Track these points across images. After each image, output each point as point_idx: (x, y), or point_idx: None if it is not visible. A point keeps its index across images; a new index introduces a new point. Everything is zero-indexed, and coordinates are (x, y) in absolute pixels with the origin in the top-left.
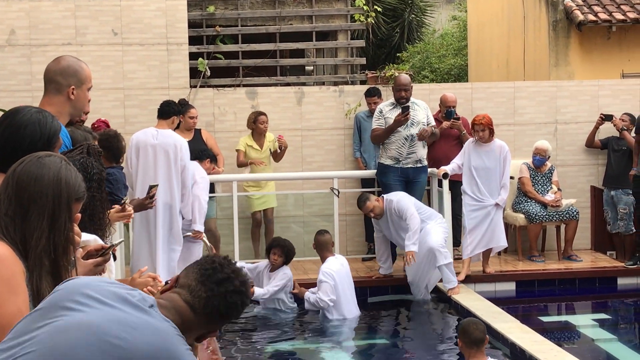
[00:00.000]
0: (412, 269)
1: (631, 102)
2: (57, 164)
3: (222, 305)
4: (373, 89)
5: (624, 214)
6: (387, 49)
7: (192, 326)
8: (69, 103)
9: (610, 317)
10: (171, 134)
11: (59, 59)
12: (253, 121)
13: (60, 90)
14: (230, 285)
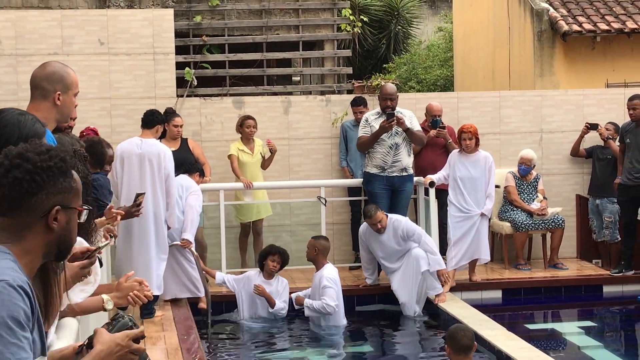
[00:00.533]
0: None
1: (616, 111)
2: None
3: (7, 189)
4: (359, 98)
5: (609, 223)
6: (373, 60)
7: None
8: (55, 109)
9: (596, 324)
10: (155, 143)
11: (45, 64)
12: (240, 125)
13: (46, 96)
14: (1, 169)
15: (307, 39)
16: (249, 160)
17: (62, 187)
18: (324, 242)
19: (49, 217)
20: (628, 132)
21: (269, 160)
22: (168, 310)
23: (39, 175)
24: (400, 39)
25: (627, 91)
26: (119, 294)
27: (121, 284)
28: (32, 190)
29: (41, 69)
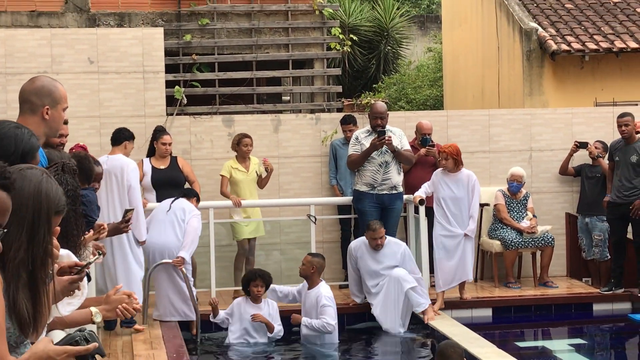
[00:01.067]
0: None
1: (604, 129)
2: (38, 176)
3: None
4: (348, 116)
5: (599, 241)
6: (363, 80)
7: None
8: (44, 123)
9: (586, 342)
10: (119, 158)
11: (33, 79)
12: (237, 143)
13: (34, 110)
14: None
15: (296, 57)
16: (244, 178)
17: None
18: (321, 261)
19: None
20: (617, 150)
21: (265, 179)
22: (157, 329)
23: None
24: (390, 59)
25: (616, 110)
26: (107, 307)
27: (110, 296)
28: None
29: (30, 83)
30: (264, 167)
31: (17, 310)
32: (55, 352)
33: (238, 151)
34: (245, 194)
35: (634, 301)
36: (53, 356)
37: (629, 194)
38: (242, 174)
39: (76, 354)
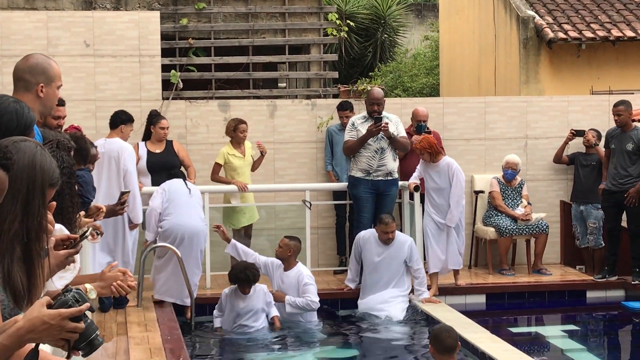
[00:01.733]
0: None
1: (600, 117)
2: (32, 148)
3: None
4: (345, 102)
5: (594, 229)
6: (359, 68)
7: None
8: (38, 101)
9: (580, 328)
10: (116, 142)
11: (27, 56)
12: (233, 129)
13: (28, 88)
14: None
15: (293, 43)
16: (240, 164)
17: None
18: (298, 244)
19: None
20: (613, 138)
21: (258, 162)
22: (152, 311)
23: None
24: (387, 47)
25: (612, 98)
26: (102, 284)
27: (104, 273)
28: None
29: (24, 60)
30: (259, 149)
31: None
32: (50, 316)
33: (234, 137)
34: (244, 179)
35: (627, 289)
36: (48, 320)
37: (624, 181)
38: (239, 159)
39: (70, 315)
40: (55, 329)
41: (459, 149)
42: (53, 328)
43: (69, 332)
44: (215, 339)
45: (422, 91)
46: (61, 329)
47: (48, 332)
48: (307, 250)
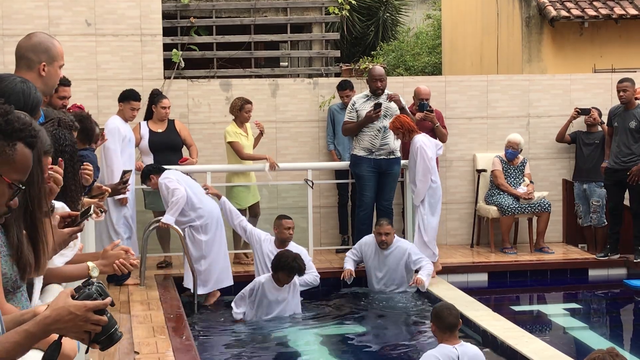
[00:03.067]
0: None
1: (602, 96)
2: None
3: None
4: (345, 82)
5: (597, 207)
6: (361, 47)
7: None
8: (40, 80)
9: (582, 307)
10: (110, 120)
11: (30, 35)
12: (239, 108)
13: (31, 66)
14: None
15: (295, 21)
16: (246, 143)
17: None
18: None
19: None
20: (616, 116)
21: (256, 140)
22: (154, 290)
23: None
24: (389, 26)
25: (615, 76)
26: (104, 262)
27: (107, 251)
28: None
29: (27, 39)
30: (258, 129)
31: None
32: (76, 307)
33: (239, 116)
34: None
35: (629, 267)
36: (74, 311)
37: (627, 159)
38: (244, 138)
39: (95, 308)
40: (81, 320)
41: (461, 127)
42: (78, 319)
43: (92, 324)
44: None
45: (425, 70)
46: (86, 320)
47: (73, 322)
48: (310, 230)
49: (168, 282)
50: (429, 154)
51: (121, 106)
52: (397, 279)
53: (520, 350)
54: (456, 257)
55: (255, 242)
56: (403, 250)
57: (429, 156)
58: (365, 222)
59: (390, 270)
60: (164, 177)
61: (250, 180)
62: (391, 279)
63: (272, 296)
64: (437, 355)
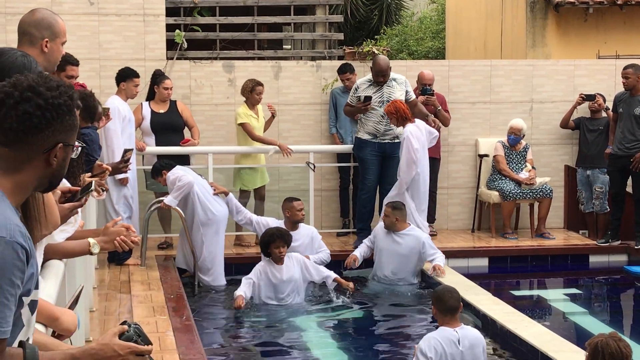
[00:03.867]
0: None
1: (606, 82)
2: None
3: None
4: (345, 65)
5: (600, 193)
6: (365, 30)
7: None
8: (42, 56)
9: (582, 292)
10: (110, 100)
11: (33, 11)
12: (250, 90)
13: (33, 42)
14: (10, 99)
15: (298, 3)
16: (256, 125)
17: (68, 125)
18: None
19: (51, 153)
20: (621, 102)
21: (267, 123)
22: (155, 270)
23: (49, 112)
24: (393, 10)
25: (619, 62)
26: (105, 238)
27: (108, 228)
28: (40, 126)
29: (29, 15)
30: (270, 111)
31: None
32: (120, 347)
33: (250, 98)
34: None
35: (630, 253)
36: (118, 350)
37: (630, 146)
38: (255, 120)
39: (137, 351)
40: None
41: (463, 112)
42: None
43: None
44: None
45: (428, 55)
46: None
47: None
48: (311, 213)
49: (169, 263)
50: (415, 145)
51: (123, 86)
52: (407, 268)
53: (520, 334)
54: (457, 242)
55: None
56: (418, 240)
57: (414, 147)
58: (367, 205)
59: (402, 257)
60: (173, 171)
61: (259, 163)
62: (401, 267)
63: (275, 278)
64: (438, 338)
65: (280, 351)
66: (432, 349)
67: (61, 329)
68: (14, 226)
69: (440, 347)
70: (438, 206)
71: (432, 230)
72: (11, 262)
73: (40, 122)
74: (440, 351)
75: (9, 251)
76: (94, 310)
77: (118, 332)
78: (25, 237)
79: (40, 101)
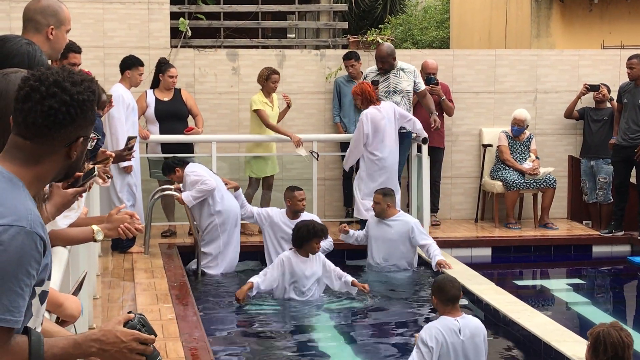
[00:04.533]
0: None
1: (611, 72)
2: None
3: (40, 117)
4: (350, 52)
5: (604, 184)
6: (369, 20)
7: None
8: (48, 43)
9: (585, 282)
10: (114, 88)
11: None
12: (265, 78)
13: (39, 29)
14: (36, 94)
15: None
16: (271, 114)
17: (89, 120)
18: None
19: (72, 147)
20: (626, 92)
21: (282, 113)
22: (159, 258)
23: (74, 109)
24: (397, 0)
25: (623, 53)
26: (109, 226)
27: (112, 215)
28: (65, 122)
29: (35, 2)
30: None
31: None
32: (123, 334)
33: (265, 86)
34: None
35: (633, 244)
36: (120, 336)
37: (635, 136)
38: (269, 109)
39: (140, 339)
40: (125, 348)
41: (468, 102)
42: (123, 345)
43: (137, 354)
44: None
45: (432, 44)
46: (131, 350)
47: (117, 347)
48: (314, 202)
49: (172, 251)
50: (366, 129)
51: (128, 74)
52: (397, 254)
53: (523, 324)
54: (460, 232)
55: (265, 221)
56: (407, 225)
57: (365, 131)
58: None
59: (392, 242)
60: (192, 169)
61: (271, 151)
62: (392, 253)
63: (300, 270)
64: (439, 327)
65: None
66: (433, 338)
67: (65, 314)
68: (34, 217)
69: (442, 336)
70: (442, 196)
71: (436, 219)
72: (29, 253)
73: (65, 118)
74: (442, 340)
75: (28, 241)
76: (98, 298)
77: (123, 320)
78: (44, 228)
79: (66, 97)
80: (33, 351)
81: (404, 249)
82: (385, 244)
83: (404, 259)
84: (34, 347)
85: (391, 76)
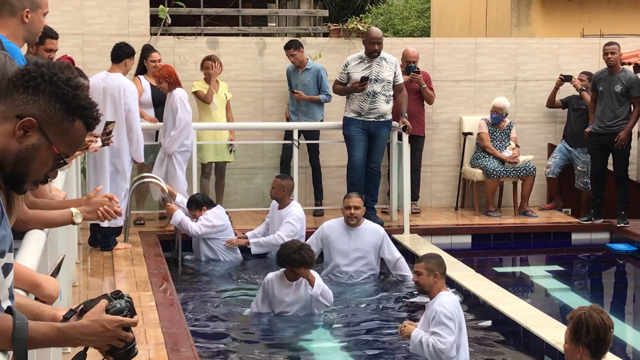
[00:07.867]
0: None
1: (590, 60)
2: (1, 59)
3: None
4: (290, 41)
5: (582, 172)
6: (350, 9)
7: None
8: (24, 26)
9: (564, 269)
10: (118, 78)
11: None
12: (200, 65)
13: (14, 12)
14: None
15: None
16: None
17: (53, 112)
18: (290, 182)
19: (19, 122)
20: (601, 80)
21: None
22: (138, 246)
23: (44, 82)
24: None
25: (603, 41)
26: (88, 208)
27: (91, 198)
28: (27, 85)
29: None
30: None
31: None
32: (109, 322)
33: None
34: (217, 117)
35: (612, 231)
36: (106, 325)
37: (611, 123)
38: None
39: (125, 325)
40: (110, 335)
41: (448, 90)
42: (108, 333)
43: (119, 339)
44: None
45: (413, 34)
46: (115, 336)
47: (102, 335)
48: (295, 190)
49: (152, 239)
50: (182, 109)
51: (127, 63)
52: (368, 264)
53: (502, 309)
54: (440, 220)
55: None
56: (377, 233)
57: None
58: (357, 184)
59: (362, 252)
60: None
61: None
62: (362, 264)
63: (280, 295)
64: (453, 302)
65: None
66: (454, 311)
67: (43, 294)
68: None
69: (456, 309)
70: (422, 184)
71: (416, 207)
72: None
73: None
74: (457, 313)
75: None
76: (77, 285)
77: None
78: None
79: (44, 70)
80: (17, 335)
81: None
82: (353, 256)
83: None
84: (18, 330)
85: (374, 64)
